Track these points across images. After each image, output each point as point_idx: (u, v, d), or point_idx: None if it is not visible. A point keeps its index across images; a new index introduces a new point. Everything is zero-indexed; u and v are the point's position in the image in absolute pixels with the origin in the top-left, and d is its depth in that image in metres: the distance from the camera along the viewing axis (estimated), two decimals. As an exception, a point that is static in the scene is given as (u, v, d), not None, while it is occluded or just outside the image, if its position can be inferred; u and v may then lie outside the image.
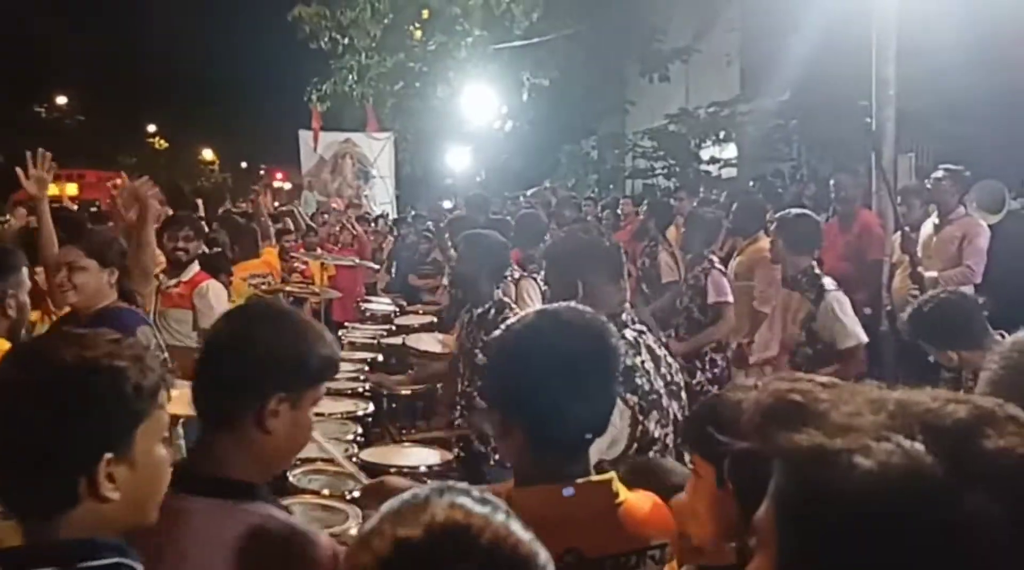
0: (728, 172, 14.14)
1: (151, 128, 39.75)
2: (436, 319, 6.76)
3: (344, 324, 6.65)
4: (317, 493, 3.17)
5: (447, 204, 23.23)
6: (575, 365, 1.51)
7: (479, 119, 16.65)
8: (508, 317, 2.39)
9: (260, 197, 7.45)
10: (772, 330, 4.37)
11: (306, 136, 16.49)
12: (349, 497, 3.12)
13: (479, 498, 0.94)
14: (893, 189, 5.39)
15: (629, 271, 6.50)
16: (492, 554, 0.89)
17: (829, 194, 6.44)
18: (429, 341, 5.23)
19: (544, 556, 0.93)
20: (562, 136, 19.76)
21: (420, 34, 15.09)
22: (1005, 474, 0.70)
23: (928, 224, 5.57)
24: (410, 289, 8.61)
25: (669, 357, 2.43)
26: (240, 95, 35.42)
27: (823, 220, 5.59)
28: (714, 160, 14.48)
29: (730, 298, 5.09)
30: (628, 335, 2.29)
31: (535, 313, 1.65)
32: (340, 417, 4.14)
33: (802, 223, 4.24)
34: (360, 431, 3.97)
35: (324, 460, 3.54)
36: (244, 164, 48.53)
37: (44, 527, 1.22)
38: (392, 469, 3.33)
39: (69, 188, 21.21)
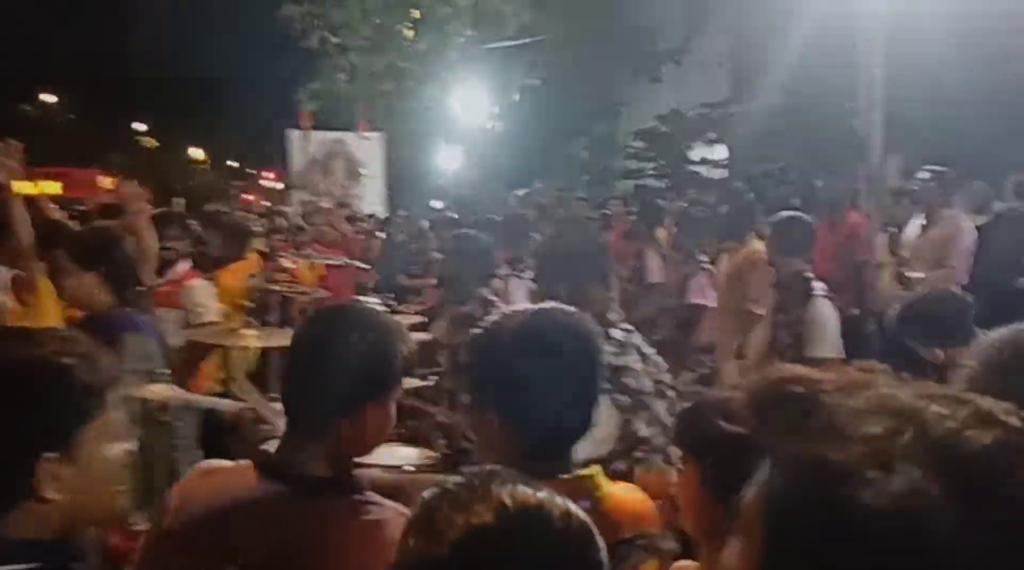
0: (719, 173, 14.18)
1: (141, 127, 39.55)
2: (426, 319, 6.73)
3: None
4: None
5: (438, 204, 23.25)
6: (556, 362, 1.51)
7: (470, 119, 16.64)
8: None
9: (240, 195, 7.41)
10: (766, 332, 4.36)
11: (295, 136, 16.44)
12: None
13: (528, 482, 0.97)
14: (880, 191, 5.42)
15: (619, 272, 6.52)
16: (565, 533, 0.92)
17: (817, 196, 6.48)
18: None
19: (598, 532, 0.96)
20: (553, 137, 19.77)
21: (411, 34, 15.08)
22: None
23: (914, 225, 5.60)
24: (400, 288, 8.59)
25: (656, 357, 2.43)
26: (230, 94, 35.31)
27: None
28: (705, 161, 14.52)
29: (711, 302, 5.07)
30: (616, 335, 2.30)
31: (517, 311, 1.65)
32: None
33: (795, 226, 4.22)
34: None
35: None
36: (235, 163, 48.41)
37: None
38: (375, 468, 3.32)
39: (51, 187, 20.80)
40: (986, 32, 7.90)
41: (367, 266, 8.16)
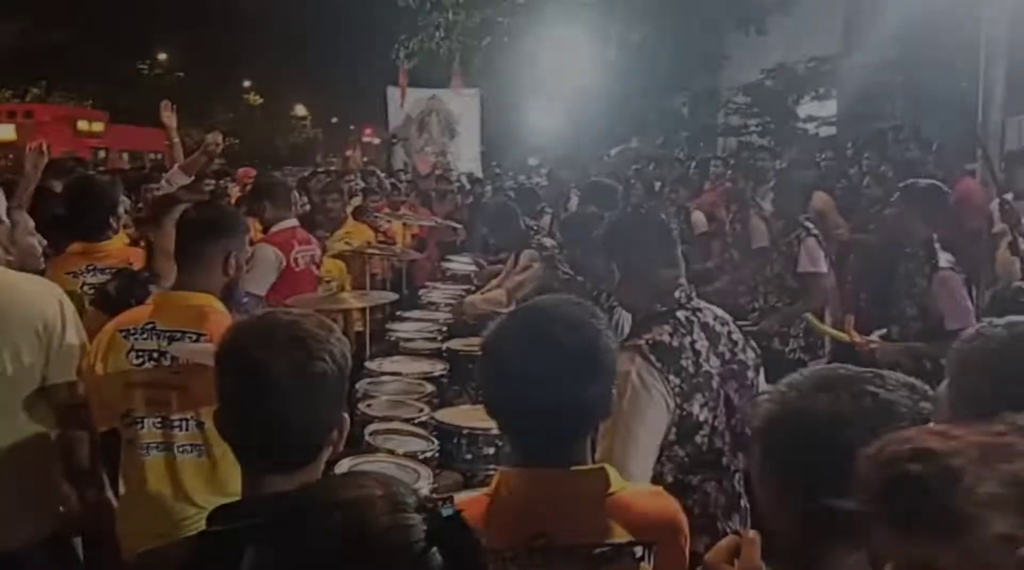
0: (826, 130, 13.58)
1: (246, 83, 40.73)
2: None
3: (425, 284, 6.76)
4: (392, 452, 3.25)
5: (533, 161, 23.20)
6: (556, 357, 1.50)
7: (567, 75, 16.43)
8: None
9: (351, 153, 7.57)
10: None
11: (394, 93, 16.62)
12: (422, 456, 3.20)
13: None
14: (997, 154, 5.07)
15: (727, 238, 6.32)
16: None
17: (931, 158, 6.13)
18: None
19: None
20: (652, 92, 19.29)
21: (508, -11, 14.95)
22: None
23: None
24: (490, 247, 8.64)
25: (735, 334, 2.35)
26: (331, 52, 35.93)
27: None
28: (811, 118, 13.92)
29: (823, 269, 4.90)
30: (680, 315, 2.24)
31: (521, 307, 1.67)
32: (416, 377, 4.23)
33: (932, 194, 4.07)
34: (435, 391, 4.04)
35: (401, 420, 3.64)
36: (335, 120, 49.41)
37: None
38: (465, 430, 3.37)
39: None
40: None
41: (458, 225, 8.24)
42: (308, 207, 6.67)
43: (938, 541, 0.66)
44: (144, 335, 2.48)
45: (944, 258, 3.92)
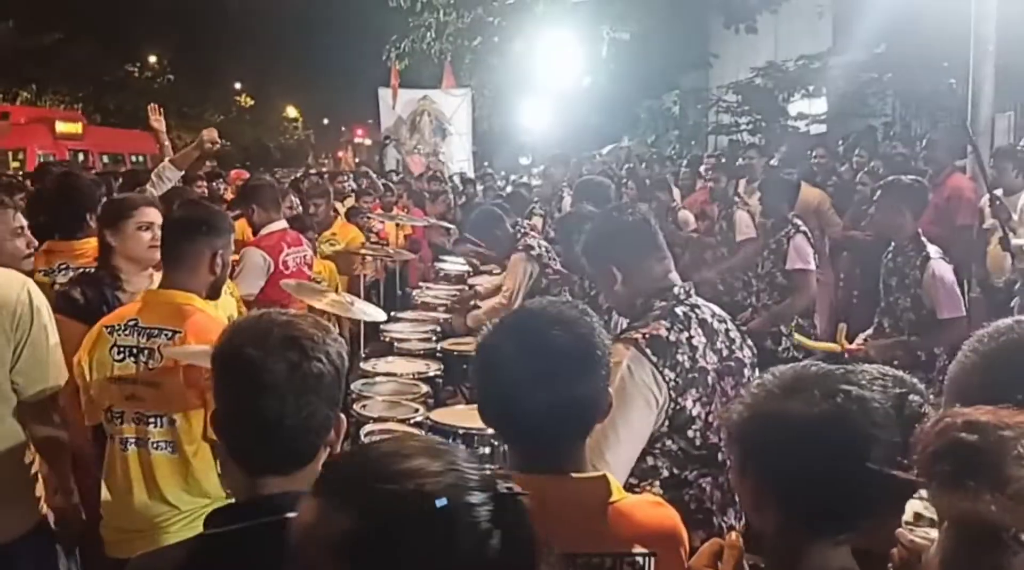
0: (816, 128, 13.62)
1: (237, 86, 40.59)
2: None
3: (418, 285, 6.76)
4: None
5: (525, 160, 23.19)
6: (552, 359, 1.50)
7: (557, 75, 16.44)
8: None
9: (343, 154, 7.56)
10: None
11: (385, 94, 16.60)
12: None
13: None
14: (986, 151, 5.10)
15: (716, 237, 6.32)
16: None
17: (920, 154, 6.16)
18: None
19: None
20: (642, 91, 19.31)
21: (498, -11, 14.95)
22: None
23: (1027, 189, 5.27)
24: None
25: (733, 332, 2.35)
26: (322, 53, 35.84)
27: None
28: (802, 115, 13.96)
29: (811, 265, 4.93)
30: (678, 311, 2.24)
31: (514, 311, 1.66)
32: (411, 378, 4.23)
33: (915, 189, 4.12)
34: (430, 392, 4.05)
35: (396, 420, 3.64)
36: (326, 121, 49.30)
37: None
38: (461, 430, 3.37)
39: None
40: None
41: (451, 225, 8.25)
42: (300, 209, 6.66)
43: (988, 493, 0.69)
44: (126, 331, 2.53)
45: (933, 249, 3.97)
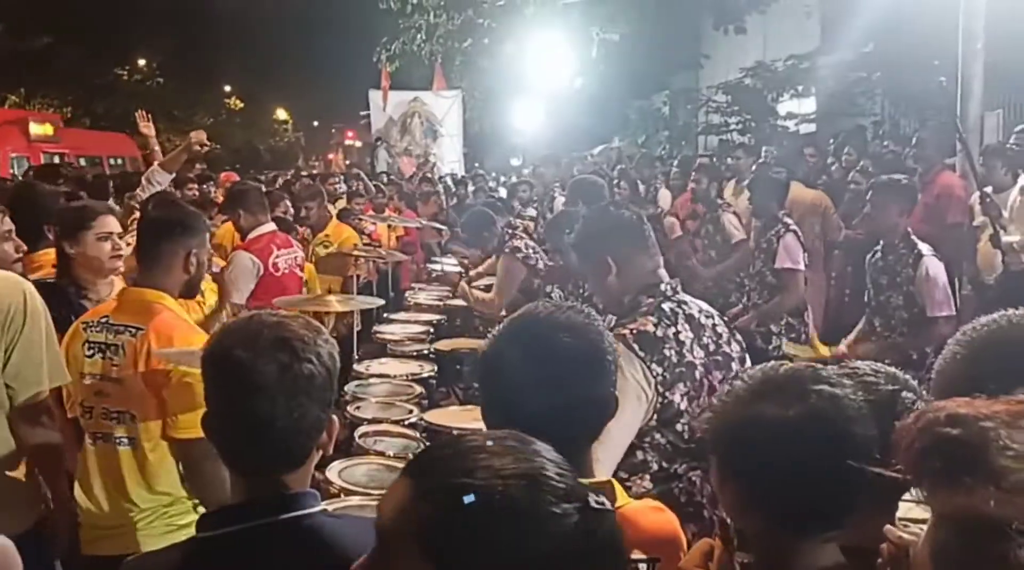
0: (806, 127, 13.66)
1: (226, 88, 40.44)
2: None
3: (411, 286, 6.76)
4: (381, 454, 3.25)
5: (515, 161, 23.20)
6: (563, 363, 1.48)
7: (548, 76, 16.45)
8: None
9: (334, 156, 7.55)
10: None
11: (376, 96, 16.60)
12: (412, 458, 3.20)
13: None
14: (975, 148, 5.12)
15: (703, 240, 6.31)
16: None
17: (910, 152, 6.18)
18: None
19: None
20: (633, 92, 19.35)
21: (488, -10, 14.95)
22: None
23: (1016, 187, 5.29)
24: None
25: (720, 327, 2.38)
26: (312, 55, 35.77)
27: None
28: (791, 115, 14.00)
29: (800, 265, 4.95)
30: (665, 307, 2.27)
31: (520, 315, 1.61)
32: (405, 379, 4.22)
33: (906, 187, 4.15)
34: (424, 393, 4.04)
35: (390, 422, 3.64)
36: (316, 123, 49.19)
37: None
38: (455, 431, 3.37)
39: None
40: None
41: (443, 227, 8.24)
42: (292, 211, 6.63)
43: (979, 489, 0.69)
44: (98, 328, 2.57)
45: (925, 247, 3.99)
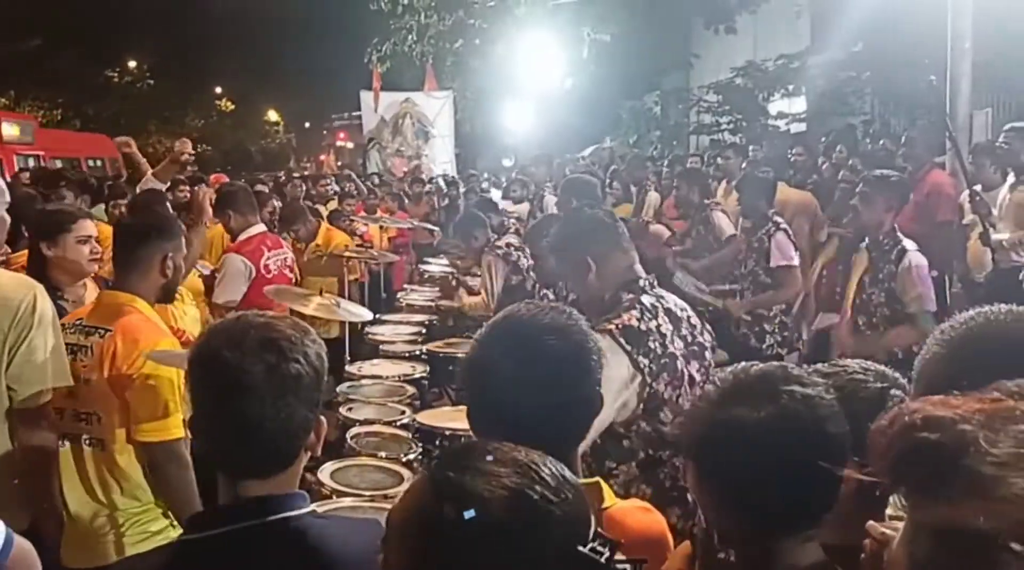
0: (797, 127, 13.71)
1: (217, 90, 40.32)
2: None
3: (403, 287, 6.75)
4: (373, 455, 3.25)
5: (507, 162, 23.20)
6: (548, 364, 1.49)
7: (539, 76, 16.47)
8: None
9: (325, 157, 7.55)
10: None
11: (367, 97, 16.58)
12: (404, 459, 3.20)
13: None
14: (964, 147, 5.15)
15: (688, 240, 6.32)
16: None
17: (900, 150, 6.20)
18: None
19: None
20: (624, 92, 19.38)
21: (479, -10, 14.96)
22: None
23: (1006, 186, 5.31)
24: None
25: (694, 319, 2.47)
26: (303, 57, 35.70)
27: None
28: (782, 115, 14.04)
29: (795, 262, 4.95)
30: (645, 301, 2.35)
31: (503, 319, 1.60)
32: (397, 380, 4.22)
33: (898, 185, 4.14)
34: (416, 394, 4.04)
35: (383, 423, 3.63)
36: (308, 124, 49.08)
37: None
38: (447, 432, 3.37)
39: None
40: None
41: (435, 228, 8.24)
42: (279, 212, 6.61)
43: (963, 501, 0.67)
44: (72, 329, 2.60)
45: (909, 242, 3.96)
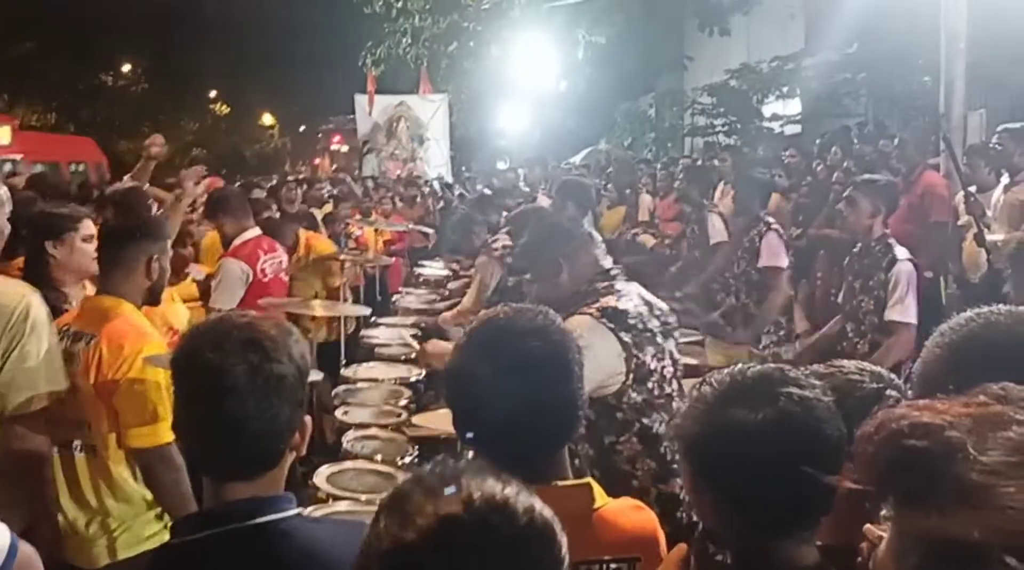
0: (791, 129, 13.74)
1: (212, 94, 40.26)
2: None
3: (398, 290, 6.75)
4: (369, 458, 3.24)
5: (502, 165, 23.20)
6: (529, 368, 1.48)
7: (534, 79, 16.48)
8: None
9: (320, 161, 7.54)
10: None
11: (362, 100, 16.57)
12: (401, 463, 3.19)
13: (498, 476, 1.00)
14: (958, 148, 5.16)
15: (683, 241, 6.32)
16: (528, 529, 0.95)
17: (893, 152, 6.22)
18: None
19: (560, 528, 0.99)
20: (619, 94, 19.41)
21: (473, -7, 14.98)
22: None
23: (1000, 186, 5.33)
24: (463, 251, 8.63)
25: (660, 303, 2.57)
26: (298, 60, 35.65)
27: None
28: (776, 117, 14.07)
29: (783, 263, 4.95)
30: (618, 285, 2.45)
31: (481, 325, 1.60)
32: (393, 383, 4.21)
33: (880, 187, 4.09)
34: (412, 396, 4.03)
35: (378, 426, 3.63)
36: (303, 128, 49.00)
37: None
38: (443, 435, 3.36)
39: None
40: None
41: (430, 231, 8.23)
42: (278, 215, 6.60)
43: (954, 510, 0.66)
44: (61, 336, 2.57)
45: (901, 251, 3.92)
